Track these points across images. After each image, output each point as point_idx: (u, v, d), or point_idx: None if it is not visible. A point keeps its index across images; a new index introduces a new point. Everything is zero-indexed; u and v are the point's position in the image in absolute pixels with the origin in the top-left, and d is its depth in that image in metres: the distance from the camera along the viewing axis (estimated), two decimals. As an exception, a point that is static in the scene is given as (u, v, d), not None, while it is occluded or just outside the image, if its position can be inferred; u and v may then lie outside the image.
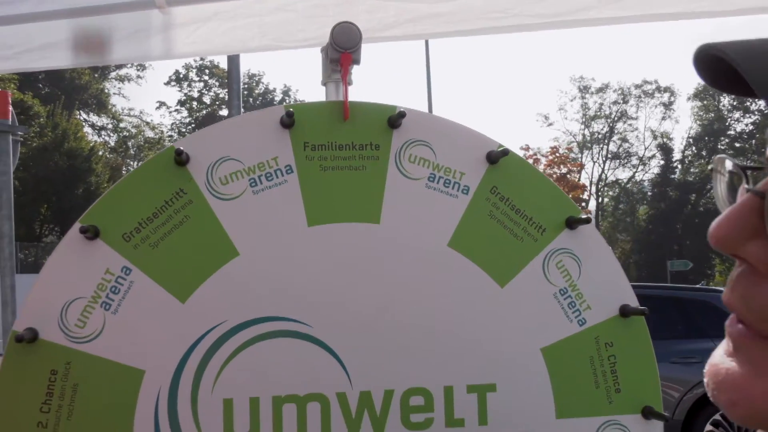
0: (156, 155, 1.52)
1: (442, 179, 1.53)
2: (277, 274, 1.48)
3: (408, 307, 1.50)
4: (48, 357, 1.39)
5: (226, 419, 1.42)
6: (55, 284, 1.42)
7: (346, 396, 1.45)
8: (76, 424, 1.38)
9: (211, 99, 45.15)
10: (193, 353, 1.43)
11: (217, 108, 42.88)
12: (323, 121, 1.52)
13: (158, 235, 1.44)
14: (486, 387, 1.49)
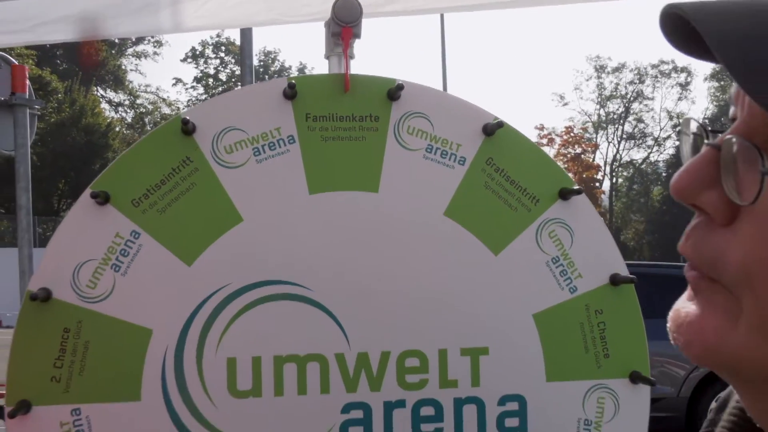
0: (163, 124, 1.53)
1: (439, 150, 1.56)
2: (279, 239, 1.51)
3: (405, 272, 1.54)
4: (61, 316, 1.43)
5: (229, 377, 1.46)
6: (68, 247, 1.45)
7: (344, 357, 1.49)
8: (88, 379, 1.41)
9: (227, 76, 45.12)
10: (199, 314, 1.47)
11: (233, 85, 42.84)
12: (325, 93, 1.54)
13: (166, 201, 1.47)
14: (479, 350, 1.53)
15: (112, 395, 1.43)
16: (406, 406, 1.51)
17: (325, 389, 1.48)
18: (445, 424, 1.53)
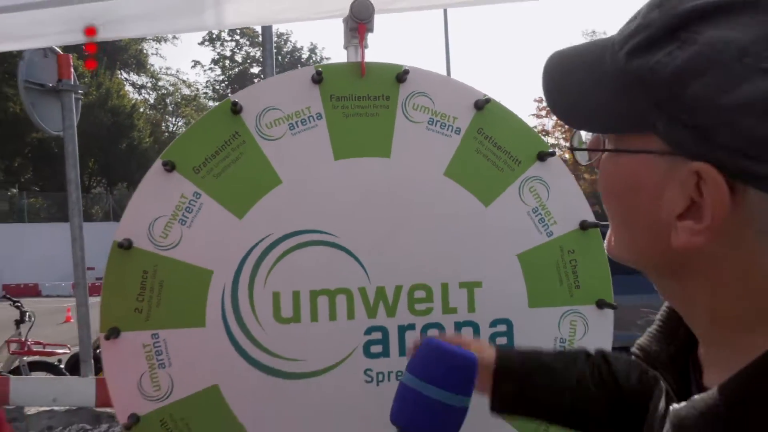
0: (216, 106, 1.66)
1: (439, 122, 1.68)
2: (311, 197, 1.65)
3: (413, 221, 1.67)
4: (140, 261, 1.58)
5: (274, 307, 1.61)
6: (144, 206, 1.59)
7: (366, 290, 1.64)
8: (163, 310, 1.57)
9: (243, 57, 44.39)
10: (249, 257, 1.61)
11: (249, 66, 42.25)
12: (345, 77, 1.67)
13: (220, 168, 1.61)
14: (474, 284, 1.67)
15: (182, 323, 1.58)
16: (415, 329, 1.66)
17: (351, 316, 1.63)
18: None
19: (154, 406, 1.57)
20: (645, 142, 0.69)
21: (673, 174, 0.67)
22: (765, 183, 0.62)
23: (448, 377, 0.86)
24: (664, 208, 0.69)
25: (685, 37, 0.64)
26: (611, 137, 0.76)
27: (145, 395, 1.57)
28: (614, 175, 0.76)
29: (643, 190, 0.71)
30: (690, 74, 0.63)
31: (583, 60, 0.77)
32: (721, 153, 0.62)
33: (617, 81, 0.71)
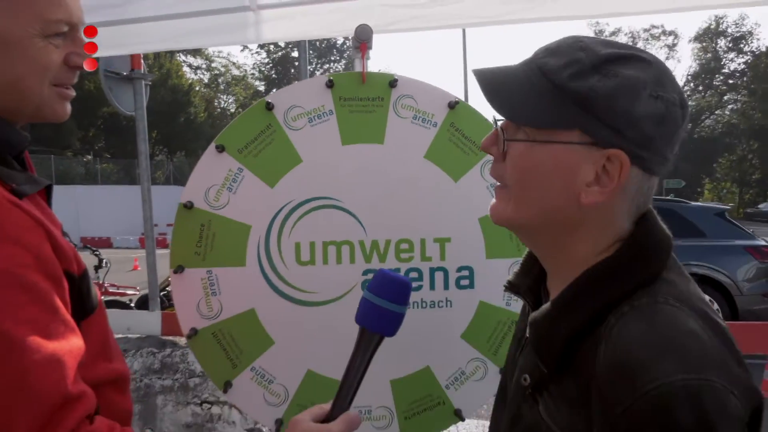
0: (254, 105, 1.76)
1: (421, 118, 1.76)
2: (323, 172, 1.75)
3: (400, 191, 1.75)
4: (199, 217, 1.72)
5: (296, 253, 1.74)
6: (202, 177, 1.72)
7: (363, 242, 1.75)
8: (215, 253, 1.72)
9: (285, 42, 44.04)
10: (277, 216, 1.73)
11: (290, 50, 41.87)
12: (350, 83, 1.75)
13: (257, 150, 1.73)
14: (445, 239, 1.77)
15: (229, 262, 1.73)
16: (400, 271, 1.76)
17: (352, 261, 1.74)
18: (424, 282, 1.77)
19: (208, 322, 1.73)
20: (569, 135, 0.84)
21: (588, 156, 0.83)
22: (645, 163, 0.83)
23: (392, 294, 1.02)
24: (578, 179, 0.84)
25: (606, 72, 0.82)
26: (528, 129, 0.87)
27: (202, 315, 1.72)
28: (532, 157, 0.87)
29: (561, 167, 0.85)
30: (617, 94, 0.81)
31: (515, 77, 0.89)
32: (626, 144, 0.82)
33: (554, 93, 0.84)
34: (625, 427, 0.72)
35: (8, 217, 0.87)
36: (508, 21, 1.77)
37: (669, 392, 0.70)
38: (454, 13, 1.79)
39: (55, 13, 0.95)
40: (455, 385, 1.79)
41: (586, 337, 0.82)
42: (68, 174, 29.57)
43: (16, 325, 0.82)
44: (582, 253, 0.89)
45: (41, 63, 0.96)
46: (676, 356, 0.72)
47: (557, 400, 0.85)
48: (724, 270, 6.86)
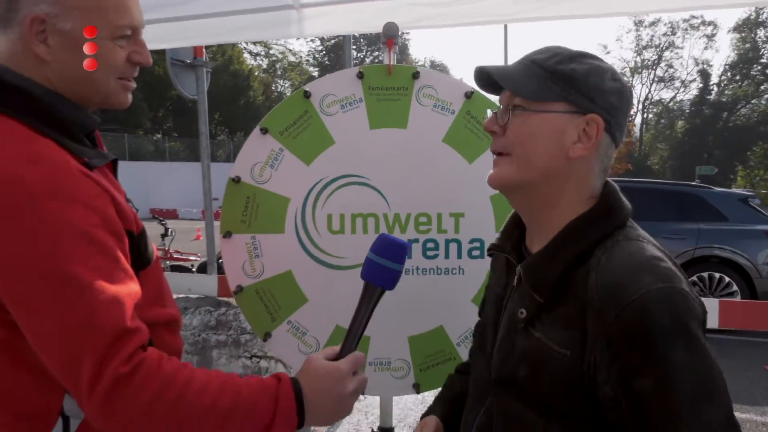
0: (293, 94, 1.82)
1: (440, 106, 1.80)
2: (353, 153, 1.81)
3: (420, 171, 1.81)
4: (245, 190, 1.81)
5: (328, 223, 1.82)
6: (248, 155, 1.81)
7: (387, 215, 1.82)
8: (259, 222, 1.81)
9: (333, 33, 43.91)
10: (312, 190, 1.81)
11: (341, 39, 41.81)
12: (378, 74, 1.81)
13: (296, 132, 1.80)
14: (459, 214, 1.83)
15: (270, 229, 1.82)
16: (419, 242, 1.83)
17: (377, 231, 1.81)
18: (439, 252, 1.83)
19: (252, 281, 1.84)
20: (557, 106, 1.00)
21: (572, 121, 1.00)
22: (611, 129, 1.02)
23: (391, 254, 1.12)
24: (566, 138, 1.00)
25: (579, 61, 1.01)
26: (524, 101, 1.01)
27: (247, 274, 1.83)
28: (530, 124, 1.01)
29: (553, 130, 1.00)
30: (590, 74, 1.00)
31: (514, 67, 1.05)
32: (599, 110, 1.00)
33: (545, 76, 1.01)
34: (617, 330, 0.87)
35: (80, 185, 0.99)
36: (521, 19, 1.82)
37: (650, 297, 0.86)
38: (472, 12, 1.84)
39: (122, 19, 1.08)
40: (465, 343, 1.87)
41: (576, 270, 0.97)
42: (139, 151, 30.36)
43: (86, 271, 0.94)
44: (566, 206, 1.04)
45: (109, 61, 1.08)
46: (651, 273, 0.89)
47: (551, 325, 0.98)
48: (745, 253, 6.71)
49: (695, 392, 0.84)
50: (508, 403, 1.04)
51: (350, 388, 1.09)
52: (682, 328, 0.85)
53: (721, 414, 0.85)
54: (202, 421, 0.97)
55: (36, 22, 1.01)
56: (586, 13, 1.70)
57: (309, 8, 2.03)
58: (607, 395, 0.89)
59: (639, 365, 0.86)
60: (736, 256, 6.73)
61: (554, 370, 0.95)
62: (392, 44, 1.82)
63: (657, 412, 0.85)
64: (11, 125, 1.00)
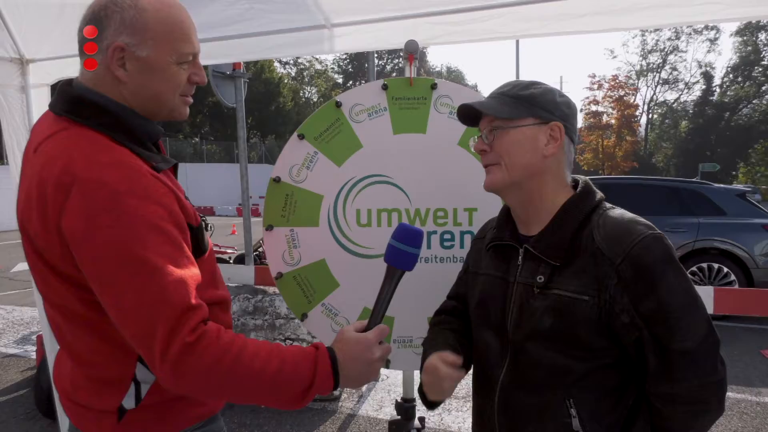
0: (326, 104, 1.88)
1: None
2: (378, 155, 1.86)
3: (438, 171, 1.86)
4: (284, 189, 1.89)
5: (357, 217, 1.89)
6: (287, 158, 1.89)
7: (409, 210, 1.87)
8: (296, 216, 1.89)
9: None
10: (343, 188, 1.88)
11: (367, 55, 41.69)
12: (401, 86, 1.87)
13: (329, 138, 1.87)
14: (472, 209, 1.88)
15: (307, 223, 1.90)
16: (437, 234, 1.89)
17: None
18: (455, 242, 1.89)
19: (290, 268, 1.92)
20: (527, 121, 1.21)
21: (540, 130, 1.21)
22: (569, 131, 1.24)
23: (409, 240, 1.23)
24: (539, 143, 1.21)
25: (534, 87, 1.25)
26: (502, 121, 1.22)
27: (286, 262, 1.92)
28: (510, 137, 1.23)
29: (528, 138, 1.22)
30: (545, 94, 1.24)
31: (489, 99, 1.28)
32: (557, 118, 1.22)
33: (513, 101, 1.23)
34: (624, 268, 1.09)
35: (150, 185, 1.10)
36: (528, 35, 1.88)
37: (647, 238, 1.10)
38: (483, 30, 1.90)
39: (186, 47, 1.19)
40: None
41: (580, 233, 1.17)
42: (179, 153, 30.70)
43: (157, 257, 1.04)
44: (550, 195, 1.24)
45: (175, 82, 1.19)
46: (641, 224, 1.14)
47: (566, 280, 1.16)
48: (743, 245, 6.69)
49: (685, 302, 1.09)
50: (538, 353, 1.18)
51: (377, 354, 1.20)
52: (669, 258, 1.10)
53: (704, 317, 1.11)
54: (254, 382, 1.07)
55: (117, 50, 1.13)
56: (585, 29, 1.77)
57: (339, 27, 2.11)
58: (623, 322, 1.10)
59: (643, 292, 1.08)
60: (734, 248, 6.71)
61: (577, 313, 1.13)
62: (413, 59, 1.89)
63: (661, 324, 1.08)
64: (93, 136, 1.11)
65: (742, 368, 5.19)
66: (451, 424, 4.00)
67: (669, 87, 45.49)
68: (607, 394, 1.15)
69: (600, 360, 1.14)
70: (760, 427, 4.00)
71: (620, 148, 36.65)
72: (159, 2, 1.15)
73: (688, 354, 1.08)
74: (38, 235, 1.08)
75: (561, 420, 1.16)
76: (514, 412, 1.23)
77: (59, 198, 1.03)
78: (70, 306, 1.12)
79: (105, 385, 1.18)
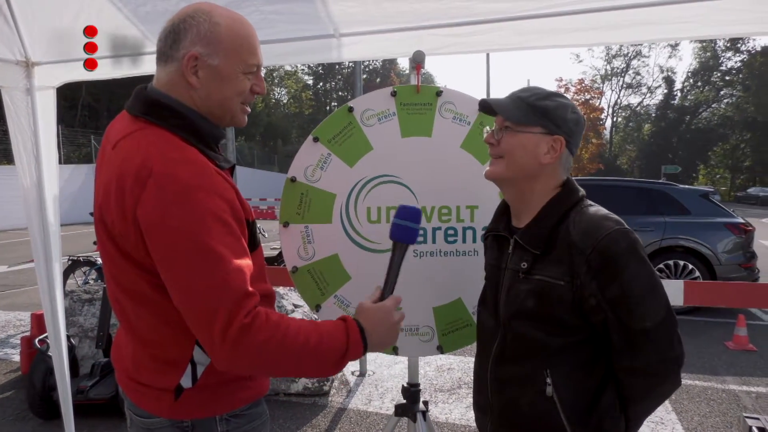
0: (339, 109, 1.97)
1: (458, 118, 1.97)
2: (388, 156, 1.95)
3: (443, 171, 1.96)
4: (299, 188, 1.97)
5: (367, 214, 1.98)
6: (302, 159, 1.97)
7: None
8: (311, 214, 1.98)
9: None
10: (355, 188, 1.97)
11: None
12: (408, 93, 1.97)
13: (341, 140, 1.96)
14: (474, 206, 1.99)
15: (320, 220, 1.98)
16: (441, 229, 2.00)
17: None
18: (458, 237, 2.00)
19: (305, 262, 2.01)
20: (535, 129, 1.35)
21: (544, 139, 1.35)
22: (570, 145, 1.38)
23: (410, 217, 1.40)
24: (539, 150, 1.35)
25: (552, 99, 1.37)
26: (513, 124, 1.36)
27: (301, 257, 2.01)
28: (515, 140, 1.37)
29: (530, 145, 1.35)
30: (558, 109, 1.37)
31: (506, 101, 1.40)
32: (562, 133, 1.36)
33: (527, 108, 1.37)
34: (593, 258, 1.23)
35: (216, 181, 1.21)
36: (521, 48, 2.05)
37: (614, 232, 1.24)
38: (484, 41, 2.05)
39: (252, 59, 1.31)
40: None
41: (558, 227, 1.32)
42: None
43: (221, 246, 1.15)
44: (540, 193, 1.39)
45: (240, 90, 1.31)
46: (610, 220, 1.27)
47: (545, 267, 1.31)
48: (706, 243, 7.02)
49: (645, 289, 1.22)
50: (522, 329, 1.35)
51: (396, 318, 1.36)
52: (634, 250, 1.23)
53: (663, 302, 1.25)
54: (301, 354, 1.19)
55: (192, 59, 1.25)
56: (578, 43, 1.95)
57: (347, 37, 2.22)
58: (591, 305, 1.25)
59: (608, 279, 1.22)
60: (698, 246, 7.04)
61: (555, 295, 1.29)
62: (420, 69, 2.02)
63: (623, 307, 1.22)
64: (167, 136, 1.23)
65: (708, 359, 5.49)
66: (438, 415, 4.16)
67: (632, 91, 46.81)
68: (580, 366, 1.31)
69: (574, 336, 1.30)
70: (727, 411, 4.28)
71: (586, 150, 37.51)
72: (230, 18, 1.28)
73: (648, 332, 1.22)
74: (115, 223, 1.19)
75: (538, 387, 1.33)
76: (501, 381, 1.42)
77: (136, 190, 1.14)
78: (139, 289, 1.22)
79: (165, 365, 1.29)
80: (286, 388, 4.45)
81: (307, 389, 4.42)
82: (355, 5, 2.05)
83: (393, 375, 4.93)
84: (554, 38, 1.92)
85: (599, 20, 1.82)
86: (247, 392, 1.37)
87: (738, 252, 6.94)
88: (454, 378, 4.85)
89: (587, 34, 1.86)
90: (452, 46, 2.05)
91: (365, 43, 2.21)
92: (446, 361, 5.28)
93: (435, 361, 5.26)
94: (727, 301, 4.19)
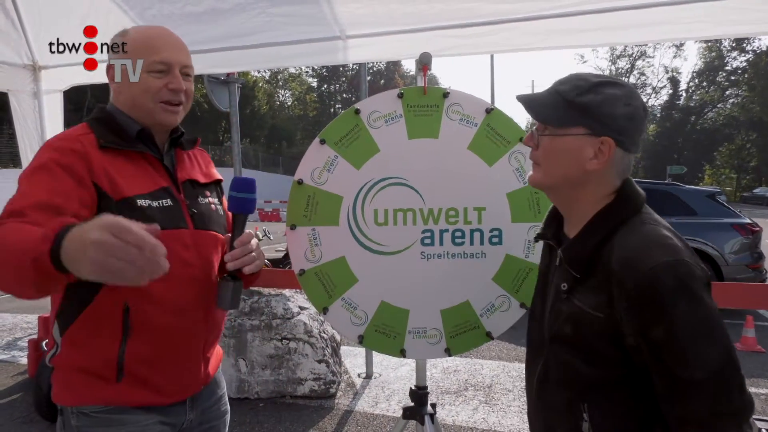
0: (346, 111, 1.93)
1: (466, 120, 1.93)
2: (395, 158, 1.92)
3: (450, 173, 1.92)
4: (307, 191, 1.93)
5: (374, 216, 1.94)
6: (309, 162, 1.94)
7: (422, 210, 1.93)
8: (318, 216, 1.94)
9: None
10: (362, 190, 1.93)
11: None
12: (415, 94, 1.93)
13: (348, 142, 1.92)
14: (481, 208, 1.94)
15: (327, 223, 1.95)
16: (448, 231, 1.95)
17: (414, 223, 1.93)
18: (465, 239, 1.95)
19: (312, 265, 1.98)
20: (576, 130, 1.16)
21: (589, 142, 1.15)
22: (623, 145, 1.16)
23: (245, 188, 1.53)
24: (583, 156, 1.16)
25: (596, 91, 1.15)
26: (551, 128, 1.19)
27: (308, 259, 1.98)
28: (555, 145, 1.19)
29: (573, 150, 1.16)
30: (604, 104, 1.14)
31: (543, 97, 1.22)
32: (611, 133, 1.14)
33: (566, 106, 1.17)
34: (634, 296, 1.04)
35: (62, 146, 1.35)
36: (527, 49, 2.02)
37: (659, 268, 1.03)
38: (490, 42, 2.03)
39: (154, 57, 1.41)
40: (487, 315, 2.04)
41: (601, 249, 1.14)
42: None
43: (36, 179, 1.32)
44: (589, 202, 1.21)
45: (145, 88, 1.43)
46: (660, 249, 1.05)
47: (585, 294, 1.15)
48: (713, 244, 6.98)
49: (695, 334, 1.01)
50: (561, 354, 1.21)
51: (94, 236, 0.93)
52: (684, 288, 1.02)
53: (721, 348, 1.02)
54: None
55: (110, 68, 1.46)
56: (585, 44, 1.94)
57: (353, 39, 2.21)
58: (631, 344, 1.08)
59: (651, 320, 1.03)
60: (705, 247, 7.00)
61: (592, 328, 1.13)
62: (426, 70, 2.00)
63: (668, 352, 1.03)
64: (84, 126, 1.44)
65: (715, 360, 5.41)
66: (445, 417, 4.14)
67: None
68: (620, 403, 1.14)
69: (615, 370, 1.12)
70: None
71: (591, 150, 37.14)
72: (142, 26, 1.47)
73: (698, 383, 1.01)
74: None
75: (575, 422, 1.18)
76: (543, 403, 1.28)
77: None
78: None
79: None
80: (292, 391, 4.45)
81: (314, 391, 4.41)
82: (361, 7, 2.04)
83: (399, 377, 4.92)
84: (559, 39, 1.90)
85: (604, 21, 1.81)
86: (105, 393, 1.39)
87: (745, 253, 6.89)
88: (460, 380, 4.83)
89: (592, 35, 1.84)
90: (458, 47, 2.03)
91: (371, 44, 2.20)
92: (453, 363, 5.26)
93: (441, 363, 5.24)
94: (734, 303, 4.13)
